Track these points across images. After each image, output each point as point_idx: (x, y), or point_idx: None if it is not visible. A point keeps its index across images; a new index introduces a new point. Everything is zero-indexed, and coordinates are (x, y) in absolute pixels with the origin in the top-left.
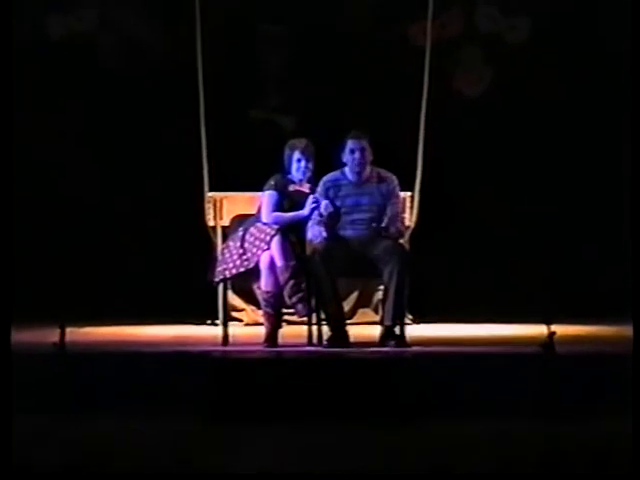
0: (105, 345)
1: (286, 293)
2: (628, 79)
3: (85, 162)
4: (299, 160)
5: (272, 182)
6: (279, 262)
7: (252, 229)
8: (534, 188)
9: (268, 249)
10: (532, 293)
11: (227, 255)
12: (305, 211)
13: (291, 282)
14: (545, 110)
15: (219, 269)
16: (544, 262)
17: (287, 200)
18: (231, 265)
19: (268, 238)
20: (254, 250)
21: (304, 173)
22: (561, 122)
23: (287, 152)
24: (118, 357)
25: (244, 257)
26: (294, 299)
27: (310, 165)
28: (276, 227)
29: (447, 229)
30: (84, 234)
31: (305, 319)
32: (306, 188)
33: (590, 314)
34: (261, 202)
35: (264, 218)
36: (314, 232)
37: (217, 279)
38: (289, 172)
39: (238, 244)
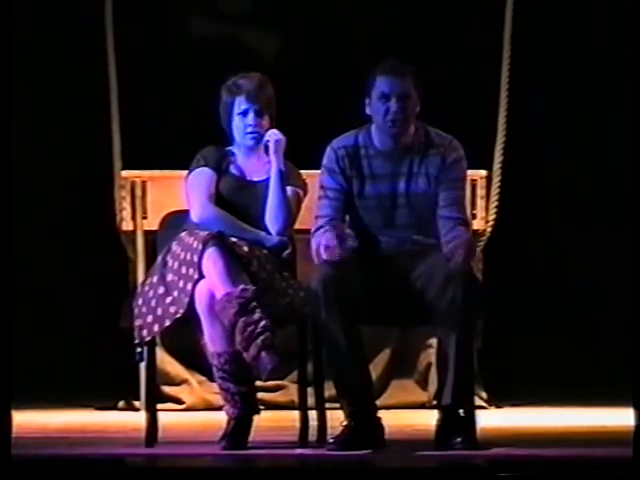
0: None
1: (238, 341)
2: None
3: None
4: (244, 112)
5: (199, 157)
6: (218, 292)
7: (173, 245)
8: None
9: (201, 276)
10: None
11: (147, 297)
12: (273, 238)
13: (242, 320)
14: None
15: (136, 325)
16: None
17: (231, 189)
18: (150, 318)
19: (196, 257)
20: (180, 284)
21: (254, 136)
22: None
23: (224, 98)
24: None
25: (167, 299)
26: (252, 349)
27: (265, 121)
28: (206, 232)
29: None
30: None
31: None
32: (263, 165)
33: None
34: (187, 194)
35: (194, 216)
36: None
37: (137, 346)
38: (231, 137)
39: (157, 276)
